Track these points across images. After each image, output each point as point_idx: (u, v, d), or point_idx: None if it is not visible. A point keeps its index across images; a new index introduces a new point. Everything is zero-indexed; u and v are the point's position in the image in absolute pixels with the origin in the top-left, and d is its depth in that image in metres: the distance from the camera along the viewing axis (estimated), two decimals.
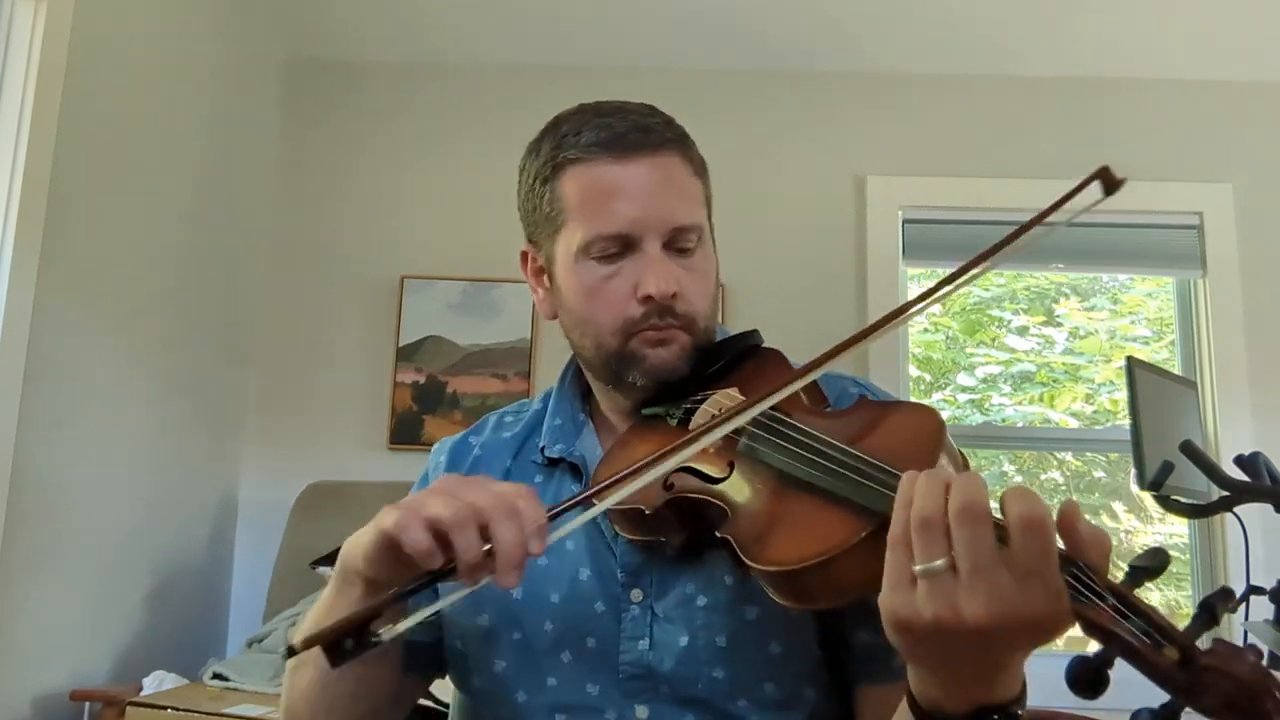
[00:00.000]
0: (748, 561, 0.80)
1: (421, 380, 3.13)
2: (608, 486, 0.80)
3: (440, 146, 3.28)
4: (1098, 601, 0.61)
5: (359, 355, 3.18)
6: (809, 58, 3.23)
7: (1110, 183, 0.78)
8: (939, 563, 0.63)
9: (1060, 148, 3.17)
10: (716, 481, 0.88)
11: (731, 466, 0.88)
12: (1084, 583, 0.62)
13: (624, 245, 0.97)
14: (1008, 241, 0.81)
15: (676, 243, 0.98)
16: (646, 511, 0.90)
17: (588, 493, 0.81)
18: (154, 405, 2.66)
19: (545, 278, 1.05)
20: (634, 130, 0.97)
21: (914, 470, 0.69)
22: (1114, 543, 3.14)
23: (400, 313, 3.17)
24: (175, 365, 2.74)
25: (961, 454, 0.81)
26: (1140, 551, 0.63)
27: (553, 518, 0.77)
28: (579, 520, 0.82)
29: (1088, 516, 0.65)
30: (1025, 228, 0.80)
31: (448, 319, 3.16)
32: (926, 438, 0.79)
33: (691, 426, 0.94)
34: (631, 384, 0.99)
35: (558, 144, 1.00)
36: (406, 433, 3.11)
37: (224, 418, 3.05)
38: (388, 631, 0.73)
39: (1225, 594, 0.60)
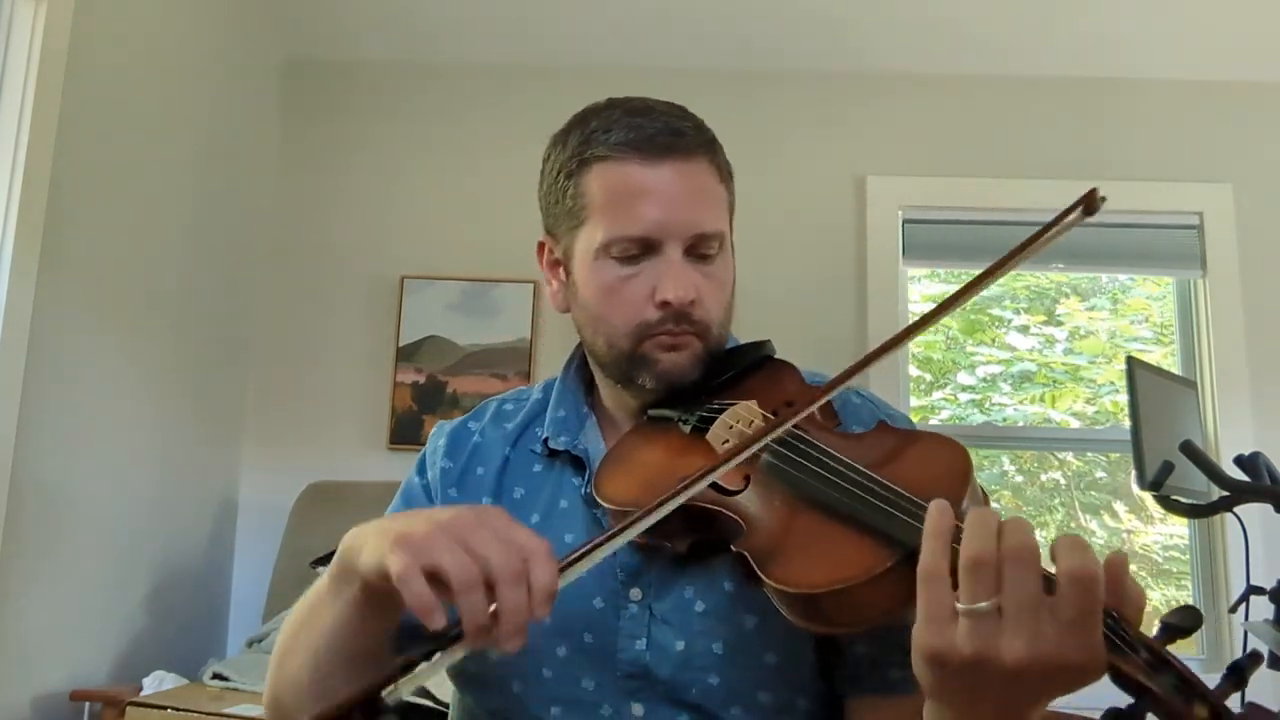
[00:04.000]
0: (764, 577, 0.78)
1: (421, 380, 3.13)
2: (629, 525, 0.77)
3: (440, 146, 3.28)
4: (1132, 654, 0.61)
5: (359, 355, 3.18)
6: (809, 58, 3.23)
7: (1091, 206, 0.81)
8: (986, 604, 0.63)
9: (1060, 148, 3.17)
10: (732, 494, 0.86)
11: (747, 480, 0.87)
12: (1120, 635, 0.62)
13: (645, 248, 0.96)
14: (1012, 257, 0.83)
15: (698, 249, 0.98)
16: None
17: (605, 537, 0.77)
18: (154, 405, 2.66)
19: (561, 270, 1.04)
20: (664, 133, 0.97)
21: (942, 499, 0.68)
22: (1114, 544, 3.14)
23: (400, 313, 3.17)
24: (175, 365, 2.74)
25: (983, 490, 0.80)
26: (1172, 608, 0.63)
27: (565, 568, 0.73)
28: (596, 558, 0.77)
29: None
30: (1033, 240, 0.84)
31: (448, 319, 3.16)
32: (957, 475, 0.78)
33: (709, 437, 0.93)
34: (640, 385, 0.99)
35: (585, 139, 0.98)
36: (406, 433, 3.10)
37: (224, 418, 3.05)
38: (392, 695, 0.69)
39: (1254, 657, 0.60)
